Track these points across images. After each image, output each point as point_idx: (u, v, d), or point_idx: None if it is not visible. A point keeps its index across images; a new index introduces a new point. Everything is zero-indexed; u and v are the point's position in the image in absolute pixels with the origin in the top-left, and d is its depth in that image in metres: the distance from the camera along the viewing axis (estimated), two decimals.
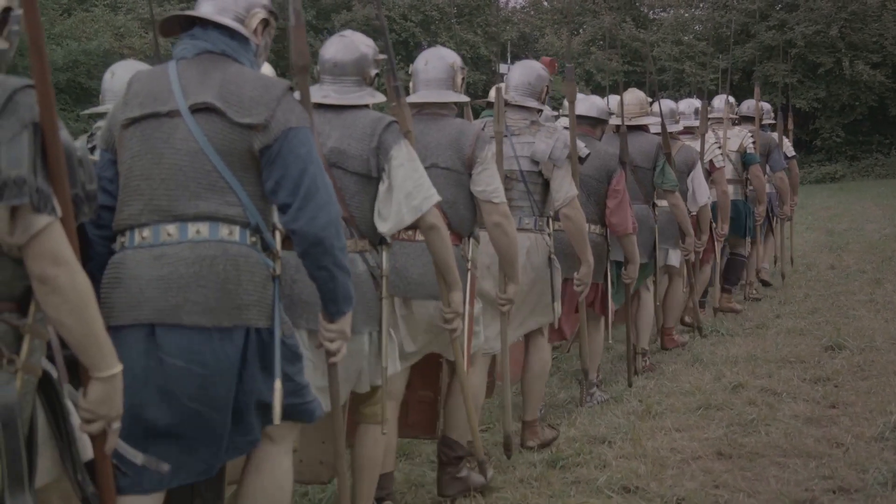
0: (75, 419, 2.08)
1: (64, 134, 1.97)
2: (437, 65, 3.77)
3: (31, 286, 1.95)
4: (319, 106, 3.17)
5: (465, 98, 3.84)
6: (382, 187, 3.10)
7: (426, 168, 3.31)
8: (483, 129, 3.75)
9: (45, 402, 2.03)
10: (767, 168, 8.11)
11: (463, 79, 3.80)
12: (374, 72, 3.26)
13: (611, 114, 5.60)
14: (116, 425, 2.09)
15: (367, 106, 3.24)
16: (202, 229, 2.41)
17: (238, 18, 2.60)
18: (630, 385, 5.42)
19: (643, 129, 5.95)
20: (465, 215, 3.62)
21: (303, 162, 2.45)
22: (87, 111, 4.26)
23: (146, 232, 2.43)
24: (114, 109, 2.61)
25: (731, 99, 8.11)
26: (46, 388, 2.03)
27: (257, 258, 2.47)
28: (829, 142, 25.02)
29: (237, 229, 2.44)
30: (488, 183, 3.60)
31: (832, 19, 24.31)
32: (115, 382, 2.06)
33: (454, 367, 3.64)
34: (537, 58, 6.67)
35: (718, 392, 5.09)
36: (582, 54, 25.08)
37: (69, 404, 2.07)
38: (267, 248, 2.52)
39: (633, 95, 5.99)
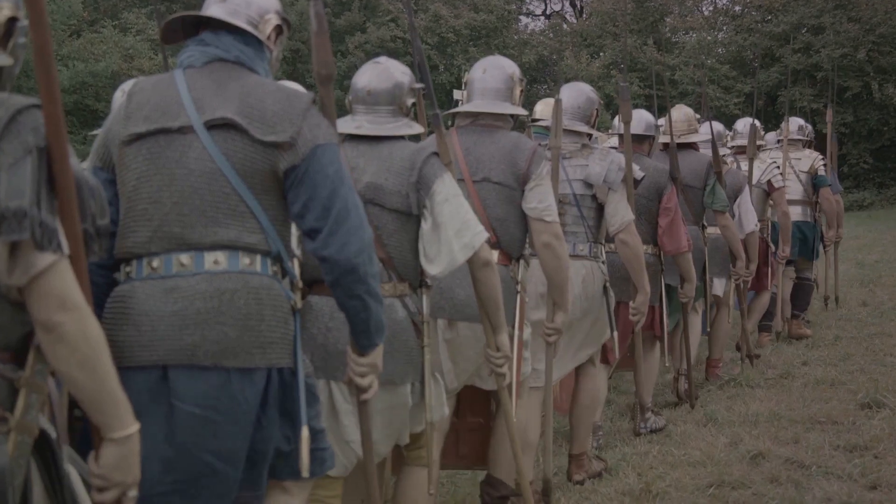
0: (78, 488, 1.81)
1: (74, 161, 1.75)
2: (495, 74, 3.55)
3: (30, 333, 1.74)
4: (352, 137, 2.95)
5: (523, 111, 3.54)
6: (426, 226, 2.87)
7: (477, 182, 3.27)
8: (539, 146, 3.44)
9: (43, 467, 1.77)
10: None
11: (521, 91, 3.51)
12: (410, 101, 3.03)
13: (658, 127, 5.36)
14: (133, 493, 1.85)
15: (403, 137, 3.01)
16: (220, 259, 2.20)
17: (251, 23, 2.38)
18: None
19: (692, 147, 5.67)
20: (515, 234, 3.44)
21: (332, 182, 2.24)
22: (94, 132, 3.96)
23: (156, 262, 2.21)
24: (111, 123, 2.37)
25: (801, 121, 7.95)
26: (43, 451, 1.77)
27: (279, 290, 2.26)
28: (857, 168, 24.18)
29: (258, 258, 2.24)
30: (541, 199, 3.39)
31: (859, 42, 23.55)
32: (132, 444, 1.83)
33: (498, 396, 3.31)
34: (556, 81, 6.41)
35: (734, 463, 4.36)
36: (602, 77, 24.43)
37: (70, 470, 1.81)
38: (287, 278, 2.32)
39: (681, 112, 5.72)
